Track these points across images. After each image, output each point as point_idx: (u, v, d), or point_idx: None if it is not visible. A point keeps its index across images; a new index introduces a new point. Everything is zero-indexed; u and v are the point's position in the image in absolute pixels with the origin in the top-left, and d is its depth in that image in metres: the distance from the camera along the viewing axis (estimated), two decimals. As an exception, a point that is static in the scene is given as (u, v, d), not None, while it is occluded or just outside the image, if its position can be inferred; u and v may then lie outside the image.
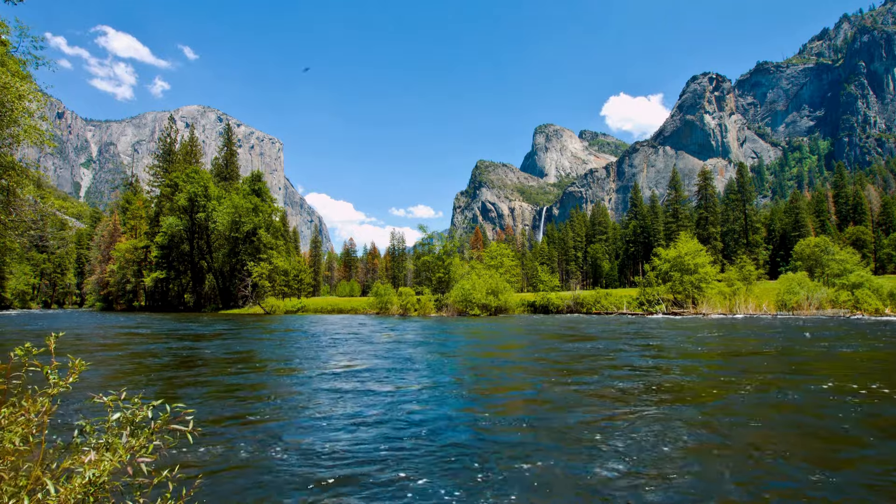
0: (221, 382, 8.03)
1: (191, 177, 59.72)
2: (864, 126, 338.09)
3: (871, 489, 3.47)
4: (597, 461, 4.04)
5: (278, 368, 10.04)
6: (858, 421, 5.12)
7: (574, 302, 37.99)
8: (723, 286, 33.37)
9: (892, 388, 6.70)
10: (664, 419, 5.30)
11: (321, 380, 8.37)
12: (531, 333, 18.77)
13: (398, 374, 8.93)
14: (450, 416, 5.68)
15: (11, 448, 2.04)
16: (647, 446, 4.41)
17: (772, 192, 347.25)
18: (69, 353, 2.37)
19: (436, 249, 45.14)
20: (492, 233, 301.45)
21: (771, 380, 7.57)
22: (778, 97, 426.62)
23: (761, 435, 4.73)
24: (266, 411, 5.99)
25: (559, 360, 10.56)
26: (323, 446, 4.53)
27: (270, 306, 50.91)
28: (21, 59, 17.82)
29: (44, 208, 25.14)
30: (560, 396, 6.59)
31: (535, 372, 9.12)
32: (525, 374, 8.96)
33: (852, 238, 77.23)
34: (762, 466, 3.93)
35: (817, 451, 4.30)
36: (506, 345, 14.98)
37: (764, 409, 5.73)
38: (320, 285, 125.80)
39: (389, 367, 9.70)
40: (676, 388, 7.09)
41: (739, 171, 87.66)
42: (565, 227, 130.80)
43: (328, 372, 9.27)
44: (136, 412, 2.15)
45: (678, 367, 9.21)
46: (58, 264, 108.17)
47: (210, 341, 16.06)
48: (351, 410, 5.97)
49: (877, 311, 26.92)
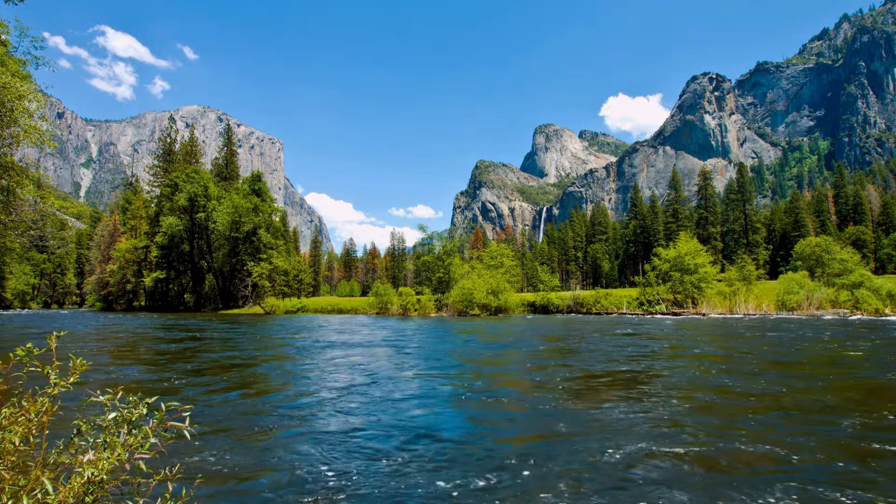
0: (221, 383, 8.03)
1: (191, 177, 59.75)
2: (864, 126, 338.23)
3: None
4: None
5: (277, 369, 10.04)
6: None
7: (574, 302, 38.01)
8: (723, 286, 33.39)
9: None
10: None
11: (319, 381, 8.37)
12: (532, 334, 18.78)
13: (399, 373, 8.94)
14: (458, 423, 5.69)
15: (11, 448, 2.05)
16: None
17: (772, 192, 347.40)
18: (71, 354, 2.38)
19: (436, 249, 45.15)
20: (492, 233, 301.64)
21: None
22: (778, 97, 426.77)
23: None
24: (265, 412, 5.99)
25: (562, 361, 10.57)
26: (315, 454, 4.53)
27: (270, 306, 50.93)
28: (21, 59, 17.83)
29: (44, 208, 25.16)
30: (576, 412, 6.59)
31: (538, 373, 9.12)
32: (527, 377, 8.96)
33: (852, 238, 77.25)
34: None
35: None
36: (507, 342, 14.99)
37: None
38: (320, 285, 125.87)
39: (390, 367, 9.70)
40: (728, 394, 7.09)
41: (739, 171, 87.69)
42: (565, 227, 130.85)
43: (327, 372, 9.27)
44: (133, 410, 2.16)
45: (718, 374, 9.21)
46: (58, 264, 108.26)
47: (210, 342, 16.07)
48: (349, 411, 5.98)
49: (877, 311, 26.93)
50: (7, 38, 17.55)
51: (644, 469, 3.83)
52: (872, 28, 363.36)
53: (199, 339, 16.84)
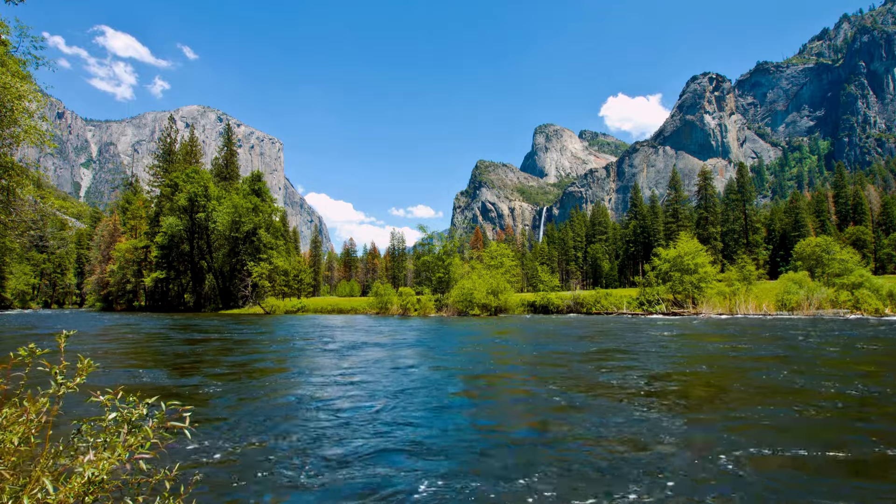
0: (220, 383, 8.04)
1: (191, 177, 59.73)
2: (864, 126, 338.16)
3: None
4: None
5: (277, 369, 10.05)
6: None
7: (574, 302, 38.01)
8: (723, 286, 33.37)
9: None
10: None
11: (317, 383, 8.38)
12: (533, 335, 18.78)
13: (398, 376, 8.94)
14: (455, 426, 5.69)
15: (11, 448, 2.05)
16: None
17: (772, 192, 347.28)
18: (79, 354, 2.38)
19: (436, 249, 45.15)
20: (492, 233, 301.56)
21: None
22: (778, 97, 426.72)
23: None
24: (264, 413, 5.99)
25: (565, 362, 10.57)
26: (312, 456, 4.54)
27: (270, 306, 50.93)
28: (21, 59, 17.84)
29: (44, 208, 25.18)
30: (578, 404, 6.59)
31: (541, 375, 9.13)
32: (529, 376, 8.97)
33: (852, 238, 77.21)
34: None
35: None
36: (508, 343, 15.00)
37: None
38: (320, 285, 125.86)
39: (389, 368, 9.71)
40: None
41: (739, 171, 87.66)
42: (565, 227, 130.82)
43: (326, 374, 9.28)
44: (133, 410, 2.17)
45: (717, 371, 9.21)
46: (58, 264, 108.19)
47: (208, 343, 16.08)
48: (348, 411, 5.97)
49: (877, 311, 26.93)
50: (7, 38, 17.55)
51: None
52: (872, 28, 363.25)
53: (216, 340, 16.57)
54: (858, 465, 3.93)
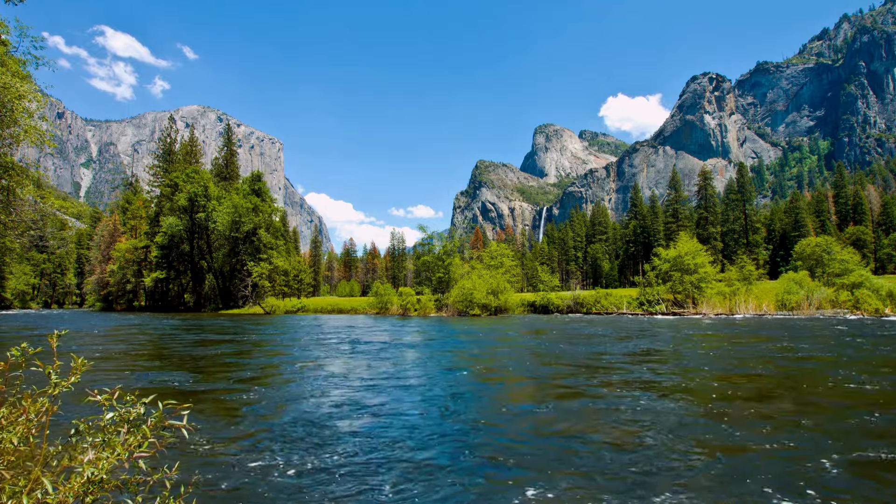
0: (220, 382, 8.03)
1: (191, 177, 59.73)
2: (864, 126, 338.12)
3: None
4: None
5: (277, 370, 10.04)
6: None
7: (574, 302, 37.99)
8: (723, 286, 33.34)
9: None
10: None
11: (316, 384, 8.37)
12: (533, 335, 18.78)
13: (399, 376, 8.93)
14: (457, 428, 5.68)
15: (11, 448, 2.05)
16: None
17: (772, 192, 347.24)
18: (72, 353, 2.38)
19: (436, 249, 45.14)
20: (492, 233, 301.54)
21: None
22: (778, 97, 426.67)
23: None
24: (263, 413, 5.99)
25: (566, 362, 10.56)
26: (312, 457, 4.53)
27: (270, 306, 50.92)
28: (21, 59, 17.84)
29: (44, 208, 25.19)
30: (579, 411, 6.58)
31: (541, 376, 9.12)
32: (531, 377, 8.96)
33: (852, 238, 77.21)
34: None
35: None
36: (509, 343, 15.00)
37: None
38: (320, 285, 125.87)
39: (390, 368, 9.70)
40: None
41: (739, 171, 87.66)
42: (565, 227, 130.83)
43: (325, 375, 9.27)
44: (131, 410, 2.16)
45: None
46: (58, 264, 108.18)
47: (208, 344, 16.07)
48: (349, 412, 5.97)
49: (877, 311, 26.92)
50: (7, 38, 17.55)
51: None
52: (872, 28, 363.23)
53: (230, 341, 16.32)
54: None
